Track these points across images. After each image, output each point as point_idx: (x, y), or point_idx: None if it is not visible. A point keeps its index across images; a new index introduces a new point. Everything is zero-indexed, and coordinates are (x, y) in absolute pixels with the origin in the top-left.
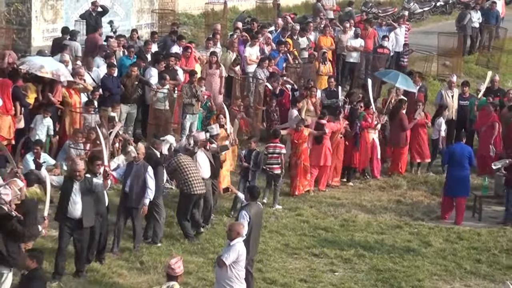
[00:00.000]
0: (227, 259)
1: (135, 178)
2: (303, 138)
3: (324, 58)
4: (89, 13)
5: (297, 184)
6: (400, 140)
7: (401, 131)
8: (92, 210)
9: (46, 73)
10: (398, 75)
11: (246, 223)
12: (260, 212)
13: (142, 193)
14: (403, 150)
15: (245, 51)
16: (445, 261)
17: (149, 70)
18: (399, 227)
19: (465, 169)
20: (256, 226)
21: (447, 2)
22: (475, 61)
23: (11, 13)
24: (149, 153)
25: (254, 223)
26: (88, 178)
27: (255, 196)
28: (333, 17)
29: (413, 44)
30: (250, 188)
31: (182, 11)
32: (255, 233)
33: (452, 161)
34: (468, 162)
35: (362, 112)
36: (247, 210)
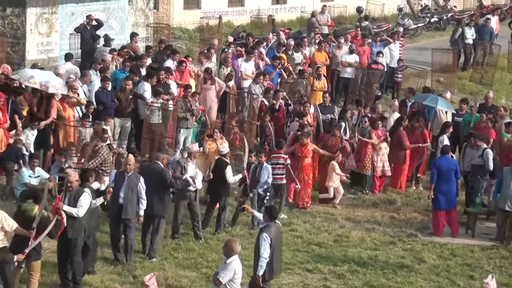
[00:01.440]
0: (223, 278)
1: (129, 190)
2: (306, 153)
3: (318, 74)
4: (84, 26)
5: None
6: (399, 157)
7: (400, 149)
8: (78, 223)
9: (35, 84)
10: (437, 98)
11: (267, 245)
12: (279, 231)
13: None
14: (403, 166)
15: (240, 66)
16: (439, 277)
17: (141, 85)
18: (392, 243)
19: (451, 182)
20: (277, 246)
21: (441, 18)
22: (468, 77)
23: (6, 26)
24: (153, 168)
25: (275, 244)
26: (79, 190)
27: (274, 216)
28: (328, 32)
29: (407, 60)
30: (268, 208)
31: (177, 25)
32: (277, 253)
33: (439, 174)
34: (455, 174)
35: (367, 127)
36: (268, 232)
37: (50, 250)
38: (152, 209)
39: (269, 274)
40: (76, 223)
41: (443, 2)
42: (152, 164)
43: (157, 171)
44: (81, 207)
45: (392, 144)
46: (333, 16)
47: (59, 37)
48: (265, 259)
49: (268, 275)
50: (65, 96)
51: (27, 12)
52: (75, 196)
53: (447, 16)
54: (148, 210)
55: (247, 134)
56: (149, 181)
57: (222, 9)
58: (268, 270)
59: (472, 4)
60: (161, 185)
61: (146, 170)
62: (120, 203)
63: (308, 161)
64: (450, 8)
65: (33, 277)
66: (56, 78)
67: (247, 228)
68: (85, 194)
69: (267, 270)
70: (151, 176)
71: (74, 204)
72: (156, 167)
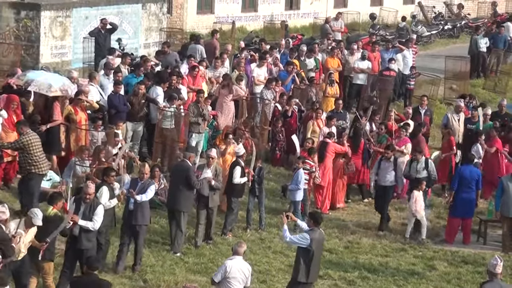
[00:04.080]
0: (215, 276)
1: None
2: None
3: (331, 80)
4: (98, 30)
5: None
6: None
7: None
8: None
9: (56, 92)
10: None
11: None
12: (322, 238)
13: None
14: None
15: (253, 72)
16: (450, 284)
17: (154, 89)
18: (403, 250)
19: (472, 191)
20: (317, 251)
21: (455, 25)
22: (482, 85)
23: (20, 29)
24: (182, 165)
25: (316, 249)
26: (95, 202)
27: (318, 222)
28: (341, 38)
29: (420, 67)
30: (312, 214)
31: (190, 30)
32: (316, 258)
33: (461, 183)
34: (476, 184)
35: (384, 135)
36: (310, 234)
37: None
38: (176, 203)
39: (305, 277)
40: (90, 234)
41: (457, 9)
42: (181, 162)
43: (184, 168)
44: (96, 220)
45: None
46: (346, 22)
47: (72, 40)
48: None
49: (304, 277)
50: (77, 100)
51: (41, 16)
52: (91, 207)
53: (460, 23)
54: (172, 205)
55: (259, 139)
56: (176, 177)
57: (235, 14)
58: (305, 273)
59: (486, 12)
60: (185, 182)
61: (176, 167)
62: (130, 209)
63: None
64: (464, 15)
65: (47, 279)
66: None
67: (257, 233)
68: (101, 206)
69: (303, 272)
70: (178, 172)
71: (89, 215)
72: (184, 164)
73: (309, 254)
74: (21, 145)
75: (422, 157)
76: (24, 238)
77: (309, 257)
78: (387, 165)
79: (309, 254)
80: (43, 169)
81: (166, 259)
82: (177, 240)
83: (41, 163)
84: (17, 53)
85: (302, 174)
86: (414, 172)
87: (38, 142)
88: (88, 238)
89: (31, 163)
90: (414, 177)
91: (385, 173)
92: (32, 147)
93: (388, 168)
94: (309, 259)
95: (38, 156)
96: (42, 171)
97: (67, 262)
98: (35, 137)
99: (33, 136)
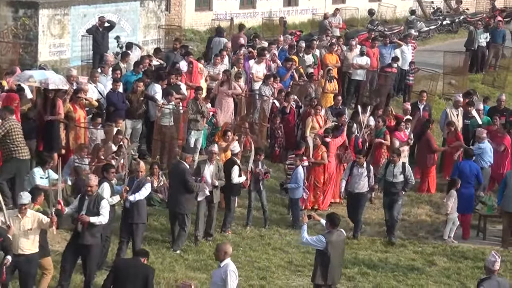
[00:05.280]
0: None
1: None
2: (316, 156)
3: (330, 76)
4: (96, 28)
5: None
6: (427, 160)
7: (428, 152)
8: (97, 228)
9: (35, 82)
10: None
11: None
12: (341, 240)
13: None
14: (430, 169)
15: (252, 68)
16: (449, 280)
17: (152, 86)
18: (403, 246)
19: (471, 187)
20: (336, 253)
21: (454, 20)
22: (481, 80)
23: (18, 28)
24: (179, 167)
25: (333, 250)
26: (99, 196)
27: (336, 224)
28: (339, 34)
29: (419, 62)
30: (330, 216)
31: (188, 27)
32: (335, 260)
33: (460, 178)
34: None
35: (382, 128)
36: (326, 236)
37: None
38: (176, 206)
39: (323, 279)
40: (94, 229)
41: (455, 4)
42: (178, 164)
43: (181, 170)
44: (104, 214)
45: (419, 147)
46: (344, 18)
47: (71, 38)
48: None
49: (320, 279)
50: (76, 98)
51: (40, 14)
52: (95, 201)
53: (459, 18)
54: (173, 208)
55: (257, 136)
56: (175, 179)
57: (234, 11)
58: (321, 274)
59: (484, 7)
60: (181, 183)
61: (174, 169)
62: (127, 207)
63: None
64: (463, 10)
65: (46, 275)
66: (56, 75)
67: (257, 230)
68: (105, 200)
69: (320, 274)
70: (176, 174)
71: (93, 209)
72: (181, 166)
73: (325, 256)
74: (3, 130)
75: (399, 160)
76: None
77: (325, 260)
78: (360, 171)
79: (326, 257)
80: (23, 155)
81: (165, 256)
82: (180, 239)
83: (22, 148)
84: (16, 51)
85: (301, 172)
86: (391, 176)
87: (19, 128)
88: (92, 234)
89: (12, 148)
90: (390, 181)
91: (358, 179)
92: (13, 133)
93: (361, 174)
94: (326, 261)
95: (19, 141)
96: (22, 156)
97: (68, 257)
98: (17, 124)
99: (15, 122)
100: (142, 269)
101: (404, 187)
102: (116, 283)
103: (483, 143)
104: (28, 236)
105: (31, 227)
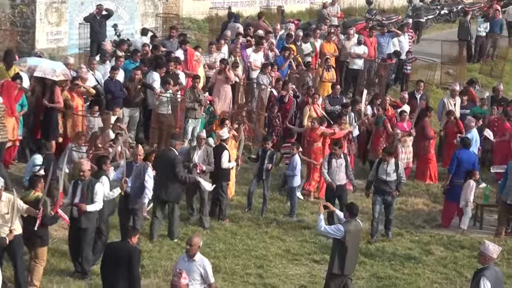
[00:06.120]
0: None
1: (137, 179)
2: (315, 137)
3: (328, 65)
4: (93, 16)
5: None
6: (420, 147)
7: (422, 140)
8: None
9: (60, 76)
10: None
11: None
12: (358, 230)
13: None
14: (428, 156)
15: (250, 57)
16: (446, 269)
17: (150, 74)
18: (400, 235)
19: None
20: (352, 244)
21: (451, 10)
22: (478, 69)
23: (16, 15)
24: (169, 154)
25: (351, 241)
26: (92, 181)
27: (354, 214)
28: (337, 24)
29: (416, 52)
30: (349, 206)
31: (186, 15)
32: (352, 251)
33: (458, 167)
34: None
35: (381, 116)
36: (344, 225)
37: (60, 238)
38: (165, 194)
39: (339, 269)
40: (90, 214)
41: None
42: (167, 151)
43: (170, 158)
44: (98, 200)
45: (416, 134)
46: (342, 7)
47: (68, 26)
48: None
49: (337, 269)
50: (73, 86)
51: (37, 1)
52: (88, 186)
53: (457, 8)
54: (162, 196)
55: (255, 125)
56: (163, 167)
57: (232, 0)
58: (338, 264)
59: None
60: (171, 171)
61: (162, 156)
62: (128, 192)
63: (317, 146)
64: (460, 0)
65: (38, 264)
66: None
67: (254, 218)
68: (98, 184)
69: (337, 263)
70: (165, 162)
71: (88, 194)
72: (170, 154)
73: (343, 246)
74: None
75: (392, 159)
76: None
77: (343, 249)
78: (339, 162)
79: (343, 246)
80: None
81: (163, 244)
82: (174, 227)
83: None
84: (13, 39)
85: (298, 160)
86: (384, 174)
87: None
88: (87, 217)
89: None
90: (383, 179)
91: (338, 171)
92: None
93: (340, 166)
94: (343, 251)
95: None
96: None
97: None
98: None
99: None
100: (127, 250)
101: (397, 186)
102: (104, 268)
103: (469, 132)
104: (6, 220)
105: (7, 211)
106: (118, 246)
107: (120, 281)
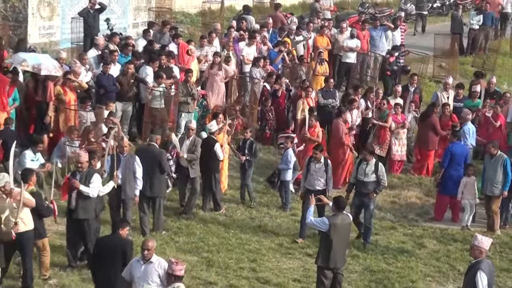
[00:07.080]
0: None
1: (126, 171)
2: (313, 134)
3: (320, 59)
4: (87, 10)
5: None
6: (429, 142)
7: (433, 136)
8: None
9: (27, 67)
10: None
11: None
12: (346, 223)
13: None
14: (430, 152)
15: (243, 51)
16: (439, 262)
17: (143, 68)
18: (393, 228)
19: (461, 169)
20: (338, 237)
21: (444, 3)
22: (470, 62)
23: (8, 10)
24: (153, 150)
25: (336, 234)
26: (90, 172)
27: (342, 207)
28: (330, 17)
29: (409, 45)
30: (336, 200)
31: (179, 9)
32: (338, 243)
33: (451, 160)
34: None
35: (386, 110)
36: (330, 219)
37: (53, 231)
38: (150, 190)
39: (324, 262)
40: (87, 204)
41: None
42: (147, 146)
43: (153, 153)
44: (94, 188)
45: (423, 129)
46: (335, 1)
47: (60, 21)
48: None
49: (323, 262)
50: (66, 80)
51: None
52: (86, 176)
53: (449, 1)
54: (147, 192)
55: (248, 118)
56: (145, 162)
57: None
58: (323, 256)
59: None
60: (156, 166)
61: (142, 152)
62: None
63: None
64: None
65: (44, 255)
66: (50, 60)
67: (248, 212)
68: (96, 175)
69: (322, 256)
70: (146, 157)
71: (86, 184)
72: (151, 149)
73: (328, 239)
74: None
75: (372, 159)
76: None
77: (328, 242)
78: (318, 166)
79: (328, 239)
80: None
81: (156, 238)
82: (160, 221)
83: None
84: (5, 33)
85: (292, 154)
86: (362, 175)
87: None
88: (84, 209)
89: None
90: (361, 180)
91: (317, 175)
92: None
93: (319, 170)
94: (328, 244)
95: None
96: None
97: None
98: None
99: None
100: (119, 243)
101: (376, 188)
102: (97, 262)
103: (465, 125)
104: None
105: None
106: (109, 239)
107: (116, 274)
